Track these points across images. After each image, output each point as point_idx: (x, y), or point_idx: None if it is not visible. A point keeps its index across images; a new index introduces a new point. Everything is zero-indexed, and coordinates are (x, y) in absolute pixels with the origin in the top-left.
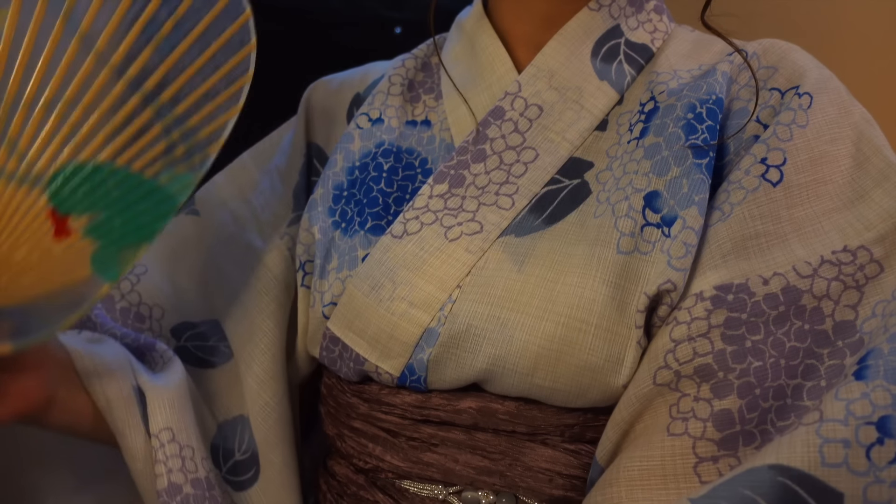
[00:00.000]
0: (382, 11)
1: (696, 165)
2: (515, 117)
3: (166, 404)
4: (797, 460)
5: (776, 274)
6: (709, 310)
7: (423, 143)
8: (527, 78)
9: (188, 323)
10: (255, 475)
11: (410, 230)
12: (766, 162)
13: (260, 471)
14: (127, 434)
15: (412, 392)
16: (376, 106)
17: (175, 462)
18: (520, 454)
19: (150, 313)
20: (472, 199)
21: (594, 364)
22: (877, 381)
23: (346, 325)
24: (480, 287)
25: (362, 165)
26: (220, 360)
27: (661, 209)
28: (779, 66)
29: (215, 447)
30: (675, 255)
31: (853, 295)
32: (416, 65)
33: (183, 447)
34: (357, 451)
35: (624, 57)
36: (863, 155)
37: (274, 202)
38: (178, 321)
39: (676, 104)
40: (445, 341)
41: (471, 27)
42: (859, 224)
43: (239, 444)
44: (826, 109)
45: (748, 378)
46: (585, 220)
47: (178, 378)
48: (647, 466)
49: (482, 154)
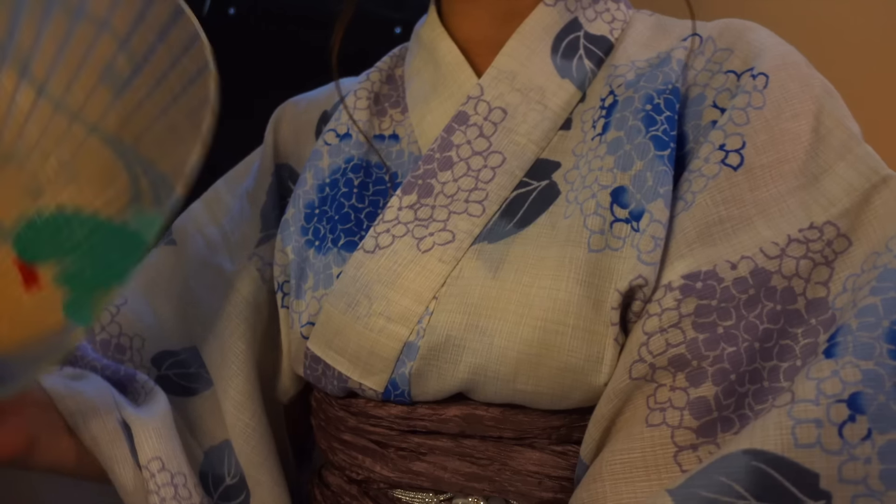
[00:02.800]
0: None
1: (658, 157)
2: (480, 122)
3: (153, 434)
4: (771, 443)
5: (744, 257)
6: (678, 299)
7: (391, 157)
8: (488, 81)
9: (168, 351)
10: (245, 498)
11: (382, 244)
12: (725, 148)
13: (250, 494)
14: (116, 469)
15: (398, 404)
16: (343, 121)
17: (168, 490)
18: (508, 458)
19: (130, 344)
20: (442, 208)
21: (574, 365)
22: (846, 357)
23: (325, 344)
24: (457, 297)
25: (332, 182)
26: (202, 386)
27: (629, 204)
28: (734, 48)
29: (204, 474)
30: (645, 250)
31: (823, 271)
32: (381, 78)
33: (174, 475)
34: (348, 463)
35: (584, 51)
36: (825, 128)
37: (243, 224)
38: (159, 350)
39: (634, 96)
40: (426, 354)
41: (427, 36)
42: (824, 199)
43: (227, 468)
44: (786, 85)
45: (722, 364)
46: (556, 221)
47: (162, 408)
48: (628, 459)
49: (449, 161)
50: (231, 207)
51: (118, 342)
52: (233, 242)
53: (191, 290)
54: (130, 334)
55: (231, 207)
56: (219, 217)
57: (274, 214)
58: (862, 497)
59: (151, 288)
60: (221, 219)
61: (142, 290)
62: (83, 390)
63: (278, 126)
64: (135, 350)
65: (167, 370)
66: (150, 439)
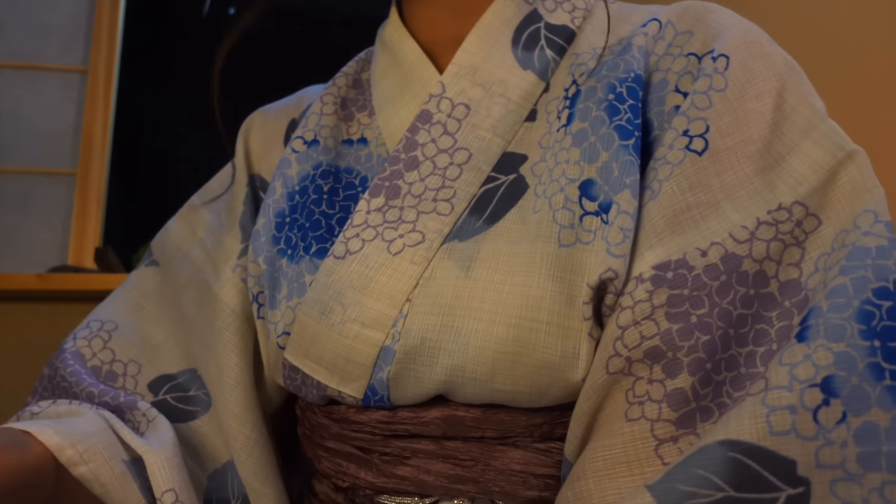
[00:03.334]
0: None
1: (623, 147)
2: (443, 119)
3: (165, 465)
4: (746, 433)
5: (713, 244)
6: (650, 291)
7: (361, 161)
8: (449, 77)
9: (166, 375)
10: None
11: (352, 249)
12: (689, 133)
13: None
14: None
15: (379, 409)
16: (310, 127)
17: None
18: (491, 459)
19: (124, 370)
20: (411, 209)
21: (550, 362)
22: (818, 340)
23: (302, 353)
24: (430, 298)
25: (302, 189)
26: (202, 409)
27: (597, 197)
28: (694, 30)
29: (208, 501)
30: (613, 242)
31: (795, 252)
32: (347, 82)
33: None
34: (334, 471)
35: (545, 41)
36: (789, 106)
37: (223, 237)
38: (156, 375)
39: (597, 86)
40: (402, 358)
41: (390, 38)
42: (791, 179)
43: (231, 490)
44: (747, 65)
45: (697, 354)
46: (526, 216)
47: (170, 437)
48: (610, 456)
49: (415, 161)
50: (209, 222)
51: (110, 369)
52: (215, 256)
53: (180, 310)
54: (125, 360)
55: (209, 222)
56: (198, 233)
57: (252, 224)
58: (841, 481)
59: (139, 311)
60: (201, 234)
61: (130, 313)
62: (81, 430)
63: (248, 136)
64: (129, 376)
65: (165, 394)
66: (163, 470)
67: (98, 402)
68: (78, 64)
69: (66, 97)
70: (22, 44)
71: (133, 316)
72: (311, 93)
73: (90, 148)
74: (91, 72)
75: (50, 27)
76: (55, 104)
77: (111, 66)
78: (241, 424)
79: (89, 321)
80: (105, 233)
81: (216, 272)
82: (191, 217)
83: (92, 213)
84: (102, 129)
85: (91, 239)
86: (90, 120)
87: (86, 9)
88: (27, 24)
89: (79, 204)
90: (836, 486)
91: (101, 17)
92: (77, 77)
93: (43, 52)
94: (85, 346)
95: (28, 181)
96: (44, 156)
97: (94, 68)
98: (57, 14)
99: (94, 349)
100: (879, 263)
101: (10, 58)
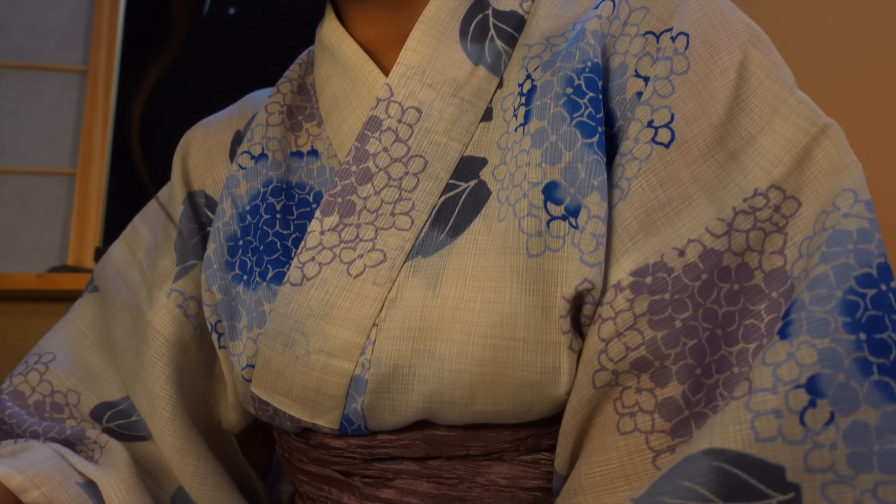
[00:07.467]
0: None
1: (587, 146)
2: (394, 125)
3: (121, 487)
4: (731, 441)
5: (690, 241)
6: (630, 299)
7: (313, 175)
8: (396, 79)
9: (107, 403)
10: None
11: (309, 274)
12: (654, 124)
13: None
14: None
15: (357, 436)
16: (257, 141)
17: None
18: (476, 475)
19: (66, 401)
20: (368, 226)
21: (531, 379)
22: (801, 337)
23: (269, 387)
24: (398, 321)
25: (253, 209)
26: (148, 433)
27: (563, 199)
28: (648, 6)
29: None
30: (587, 251)
31: (777, 239)
32: (292, 88)
33: None
34: (316, 495)
35: (495, 31)
36: (756, 80)
37: (159, 259)
38: (96, 402)
39: (553, 80)
40: (375, 387)
41: (328, 38)
42: (765, 161)
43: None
44: (710, 39)
45: (685, 360)
46: (491, 225)
47: (125, 459)
48: (607, 471)
49: (367, 173)
50: (148, 242)
51: (53, 401)
52: (150, 280)
53: (113, 337)
54: (64, 390)
55: (148, 242)
56: (138, 254)
57: (191, 245)
58: (832, 485)
59: (80, 340)
60: (140, 255)
61: (70, 342)
62: (31, 463)
63: (187, 152)
64: (72, 406)
65: (108, 422)
66: (119, 493)
67: (45, 439)
68: (78, 64)
69: (66, 97)
70: (22, 43)
71: (74, 345)
72: (256, 100)
73: (90, 148)
74: (91, 72)
75: (50, 27)
76: (55, 104)
77: (111, 66)
78: (186, 456)
79: (27, 356)
80: (105, 233)
81: (150, 297)
82: (131, 238)
83: (92, 213)
84: (102, 129)
85: (91, 239)
86: (90, 120)
87: (86, 9)
88: (27, 24)
89: (79, 204)
90: (828, 490)
91: (101, 17)
92: (77, 77)
93: (43, 51)
94: (22, 383)
95: (28, 181)
96: (44, 156)
97: (94, 68)
98: (57, 14)
99: (31, 383)
100: (861, 248)
101: (9, 58)
